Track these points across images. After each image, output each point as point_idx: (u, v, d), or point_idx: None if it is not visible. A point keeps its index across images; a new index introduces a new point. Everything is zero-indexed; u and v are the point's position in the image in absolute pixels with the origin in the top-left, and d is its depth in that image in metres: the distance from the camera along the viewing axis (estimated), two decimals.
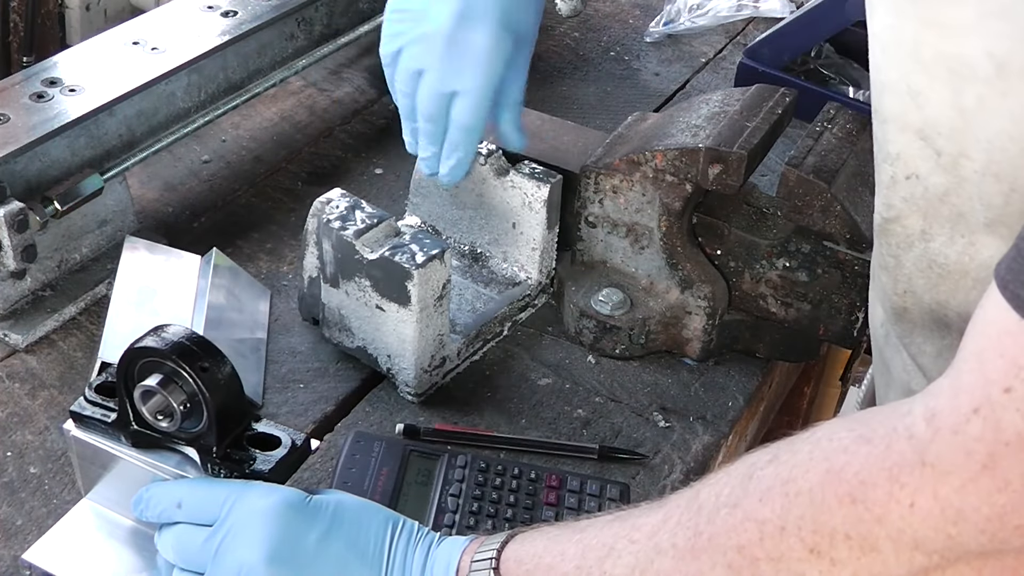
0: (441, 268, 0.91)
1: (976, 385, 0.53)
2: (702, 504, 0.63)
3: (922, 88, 0.67)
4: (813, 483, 0.57)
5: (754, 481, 0.60)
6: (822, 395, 1.68)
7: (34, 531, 0.83)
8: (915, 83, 0.67)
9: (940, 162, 0.68)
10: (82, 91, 1.03)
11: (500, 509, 0.85)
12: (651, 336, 1.02)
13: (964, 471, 0.52)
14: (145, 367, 0.73)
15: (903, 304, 0.77)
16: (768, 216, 0.99)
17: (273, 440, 0.77)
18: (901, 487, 0.54)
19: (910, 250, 0.74)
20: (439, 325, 0.94)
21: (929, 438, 0.54)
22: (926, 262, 0.73)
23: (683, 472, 0.93)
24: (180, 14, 1.16)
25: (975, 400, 0.52)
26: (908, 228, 0.73)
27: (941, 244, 0.71)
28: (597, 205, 1.02)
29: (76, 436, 0.78)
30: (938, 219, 0.71)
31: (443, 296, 0.92)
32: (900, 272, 0.76)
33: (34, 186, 0.98)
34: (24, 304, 1.01)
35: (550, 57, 1.50)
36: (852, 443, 0.57)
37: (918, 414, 0.55)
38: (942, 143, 0.68)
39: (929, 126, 0.68)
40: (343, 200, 0.95)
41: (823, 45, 1.45)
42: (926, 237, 0.72)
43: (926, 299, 0.75)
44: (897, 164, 0.72)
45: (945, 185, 0.69)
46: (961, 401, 0.53)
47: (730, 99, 1.01)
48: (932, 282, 0.74)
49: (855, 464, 0.56)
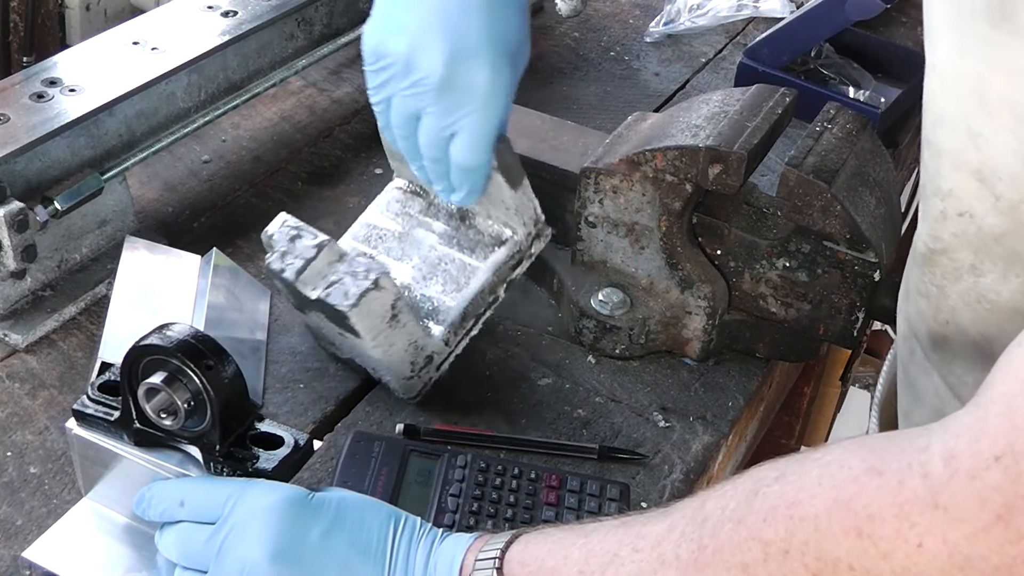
0: (380, 295, 0.87)
1: (1001, 431, 0.51)
2: (707, 516, 0.62)
3: (984, 130, 0.65)
4: (819, 510, 0.56)
5: (759, 498, 0.60)
6: (822, 395, 1.68)
7: (34, 531, 0.83)
8: (976, 124, 0.65)
9: (998, 205, 0.66)
10: (82, 91, 1.03)
11: (500, 509, 0.85)
12: (651, 336, 1.02)
13: (978, 519, 0.51)
14: (149, 365, 0.73)
15: (943, 332, 0.75)
16: (768, 216, 0.99)
17: (276, 440, 0.77)
18: (911, 526, 0.53)
19: (957, 282, 0.72)
20: (405, 337, 0.91)
21: (945, 480, 0.52)
22: (975, 296, 0.71)
23: (683, 472, 0.93)
24: (180, 14, 1.16)
25: (998, 447, 0.51)
26: (957, 261, 0.71)
27: (992, 280, 0.69)
28: (597, 205, 1.02)
29: (78, 435, 0.78)
30: (991, 256, 0.69)
31: (395, 315, 0.88)
32: (944, 302, 0.74)
33: (34, 186, 0.98)
34: (24, 304, 1.01)
35: (550, 57, 1.50)
36: (863, 473, 0.56)
37: (936, 452, 0.53)
38: (1002, 187, 0.66)
39: (988, 168, 0.66)
40: (284, 231, 0.91)
41: (823, 45, 1.45)
42: (976, 272, 0.70)
43: (971, 332, 0.73)
44: (949, 200, 0.70)
45: (1002, 227, 0.67)
46: (983, 445, 0.52)
47: (730, 99, 1.01)
48: (980, 316, 0.71)
49: (864, 496, 0.55)
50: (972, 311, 0.72)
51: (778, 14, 1.57)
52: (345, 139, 1.30)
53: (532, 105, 1.15)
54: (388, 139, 0.91)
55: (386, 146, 0.98)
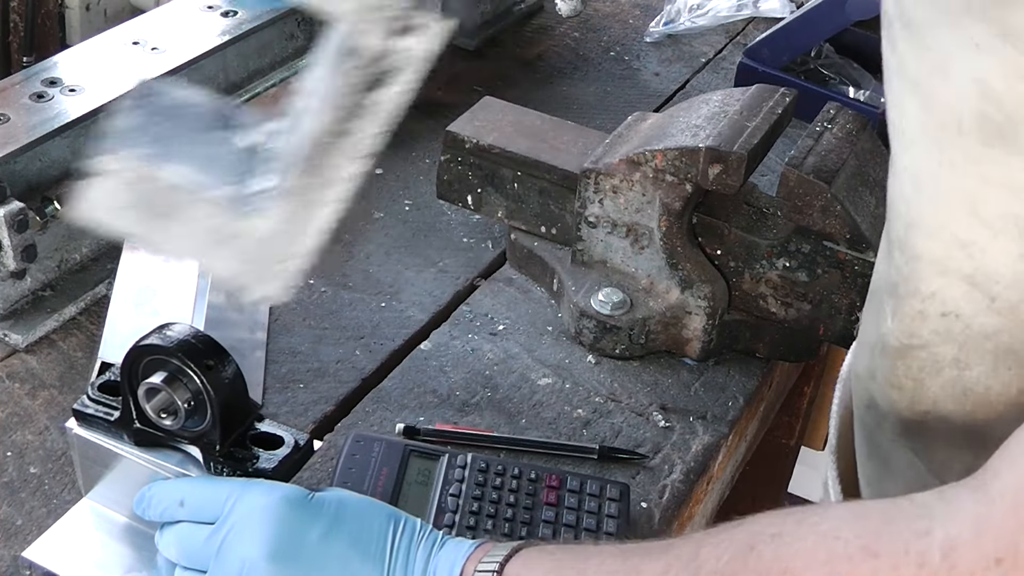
0: None
1: (1006, 528, 0.50)
2: (701, 564, 0.61)
3: (978, 240, 0.60)
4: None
5: (754, 556, 0.58)
6: (822, 395, 1.68)
7: (34, 531, 0.83)
8: (968, 236, 0.61)
9: (994, 306, 0.62)
10: (82, 91, 1.03)
11: (500, 509, 0.85)
12: (651, 336, 1.02)
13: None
14: (150, 365, 0.73)
15: (921, 421, 0.70)
16: (768, 216, 0.99)
17: (276, 440, 0.77)
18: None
19: (938, 376, 0.67)
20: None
21: (942, 574, 0.51)
22: (960, 389, 0.66)
23: (683, 472, 0.93)
24: (180, 14, 1.16)
25: (1001, 547, 0.49)
26: (937, 356, 0.67)
27: (980, 374, 0.65)
28: (597, 205, 1.02)
29: (78, 434, 0.78)
30: (978, 352, 0.64)
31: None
32: (922, 394, 0.69)
33: (34, 186, 0.98)
34: (24, 304, 1.01)
35: (550, 57, 1.50)
36: (857, 552, 0.54)
37: (936, 541, 0.52)
38: (999, 290, 0.61)
39: (983, 275, 0.61)
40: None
41: (823, 45, 1.45)
42: (960, 365, 0.66)
43: (956, 421, 0.68)
44: (930, 301, 0.65)
45: (996, 326, 0.63)
46: (985, 543, 0.50)
47: (730, 99, 1.01)
48: (967, 408, 0.67)
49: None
50: (957, 403, 0.67)
51: (778, 14, 1.57)
52: None
53: (532, 105, 1.16)
54: None
55: None
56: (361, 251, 1.14)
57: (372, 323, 1.05)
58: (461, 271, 1.13)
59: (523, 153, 1.06)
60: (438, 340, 1.03)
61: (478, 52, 1.49)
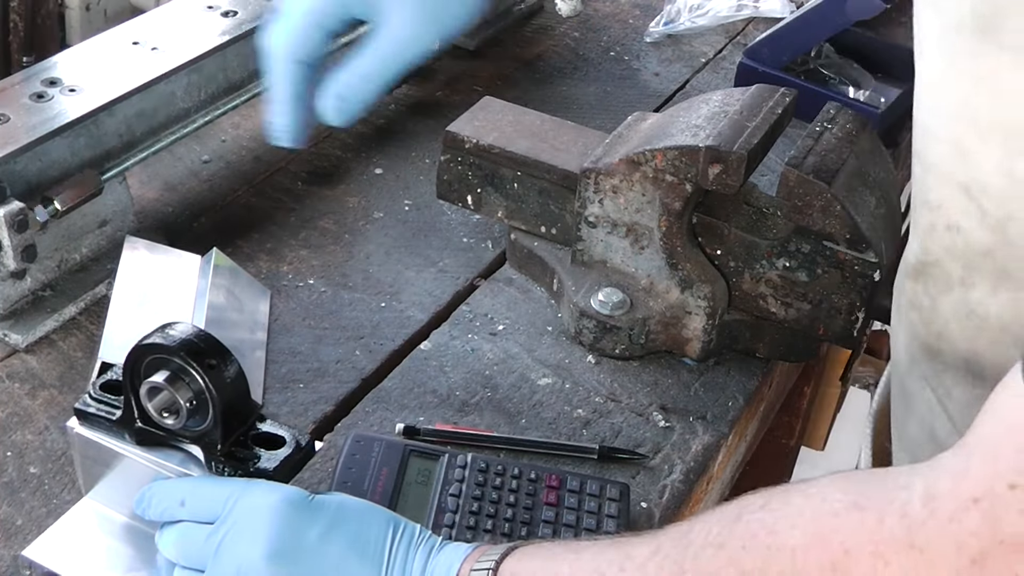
0: None
1: (983, 474, 0.51)
2: (691, 540, 0.62)
3: (972, 148, 0.65)
4: (797, 543, 0.56)
5: (742, 524, 0.59)
6: (822, 395, 1.68)
7: (34, 531, 0.83)
8: (965, 141, 0.65)
9: (985, 221, 0.66)
10: (82, 91, 1.03)
11: (500, 509, 0.85)
12: (651, 336, 1.02)
13: (952, 562, 0.50)
14: (152, 364, 0.73)
15: (937, 346, 0.74)
16: (768, 216, 0.99)
17: (278, 440, 0.77)
18: (885, 564, 0.52)
19: (948, 294, 0.71)
20: None
21: (922, 521, 0.52)
22: (965, 310, 0.70)
23: (683, 472, 0.93)
24: (180, 14, 1.16)
25: (978, 490, 0.50)
26: (948, 273, 0.71)
27: (982, 294, 0.69)
28: (597, 205, 1.02)
29: (79, 434, 0.78)
30: (980, 271, 0.68)
31: None
32: (935, 315, 0.73)
33: (34, 186, 0.98)
34: (24, 304, 1.01)
35: (550, 57, 1.50)
36: (844, 508, 0.55)
37: (917, 491, 0.53)
38: (989, 204, 0.65)
39: (976, 185, 0.66)
40: None
41: (823, 45, 1.45)
42: (966, 285, 0.70)
43: (961, 347, 0.72)
44: (937, 213, 0.70)
45: (989, 243, 0.66)
46: (963, 488, 0.51)
47: (730, 99, 1.01)
48: (969, 332, 0.71)
49: (842, 532, 0.55)
50: (961, 325, 0.71)
51: (778, 14, 1.57)
52: (345, 139, 1.30)
53: (532, 105, 1.16)
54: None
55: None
56: (361, 251, 1.14)
57: (372, 323, 1.05)
58: (461, 271, 1.13)
59: (523, 153, 1.07)
60: (438, 340, 1.03)
61: (478, 52, 1.49)
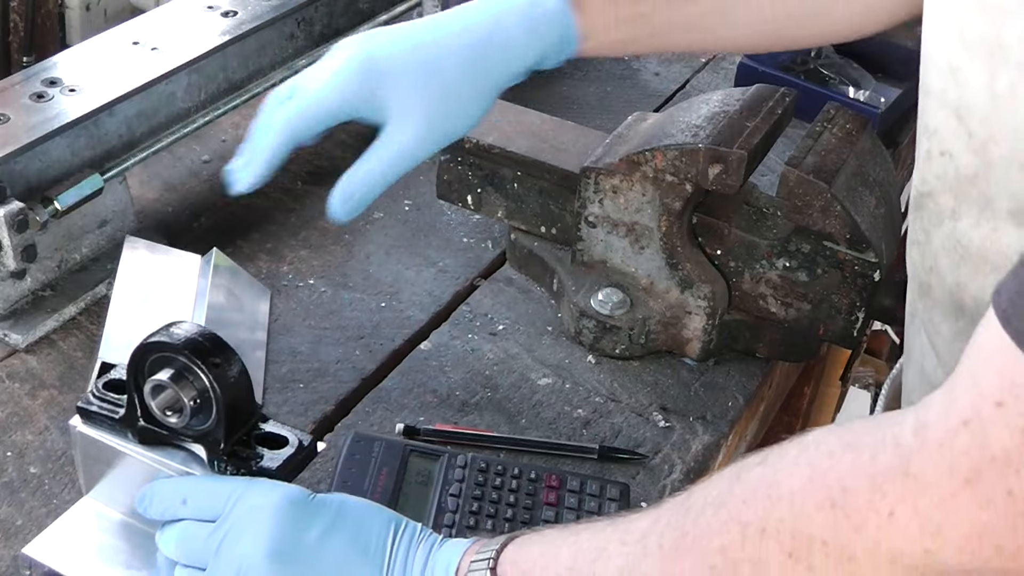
0: None
1: (968, 399, 0.52)
2: (691, 505, 0.63)
3: (962, 66, 0.68)
4: (795, 487, 0.57)
5: (741, 482, 0.60)
6: (822, 395, 1.68)
7: (34, 531, 0.82)
8: (956, 61, 0.69)
9: (971, 143, 0.69)
10: (82, 91, 1.03)
11: (500, 509, 0.85)
12: (651, 336, 1.02)
13: (947, 485, 0.51)
14: (156, 363, 0.73)
15: (928, 281, 0.78)
16: (768, 216, 0.99)
17: (280, 440, 0.77)
18: (882, 496, 0.53)
19: (940, 227, 0.75)
20: None
21: (915, 448, 0.53)
22: (952, 242, 0.74)
23: (683, 472, 0.93)
24: (180, 14, 1.16)
25: (965, 413, 0.51)
26: (940, 205, 0.74)
27: (967, 226, 0.72)
28: (597, 205, 1.02)
29: (82, 432, 0.78)
30: (967, 200, 0.71)
31: None
32: (928, 248, 0.77)
33: (34, 186, 0.98)
34: (24, 304, 1.01)
35: None
36: (838, 449, 0.56)
37: (908, 424, 0.54)
38: (974, 125, 0.68)
39: (964, 106, 0.69)
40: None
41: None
42: (955, 216, 0.73)
43: (948, 279, 0.75)
44: (933, 139, 0.73)
45: (975, 167, 0.70)
46: (951, 414, 0.52)
47: (730, 99, 1.01)
48: (954, 263, 0.74)
49: (838, 470, 0.55)
50: (949, 257, 0.74)
51: None
52: (345, 139, 1.30)
53: (532, 105, 1.15)
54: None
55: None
56: (361, 251, 1.14)
57: (372, 323, 1.05)
58: (461, 271, 1.13)
59: (523, 153, 1.07)
60: (438, 340, 1.03)
61: None
